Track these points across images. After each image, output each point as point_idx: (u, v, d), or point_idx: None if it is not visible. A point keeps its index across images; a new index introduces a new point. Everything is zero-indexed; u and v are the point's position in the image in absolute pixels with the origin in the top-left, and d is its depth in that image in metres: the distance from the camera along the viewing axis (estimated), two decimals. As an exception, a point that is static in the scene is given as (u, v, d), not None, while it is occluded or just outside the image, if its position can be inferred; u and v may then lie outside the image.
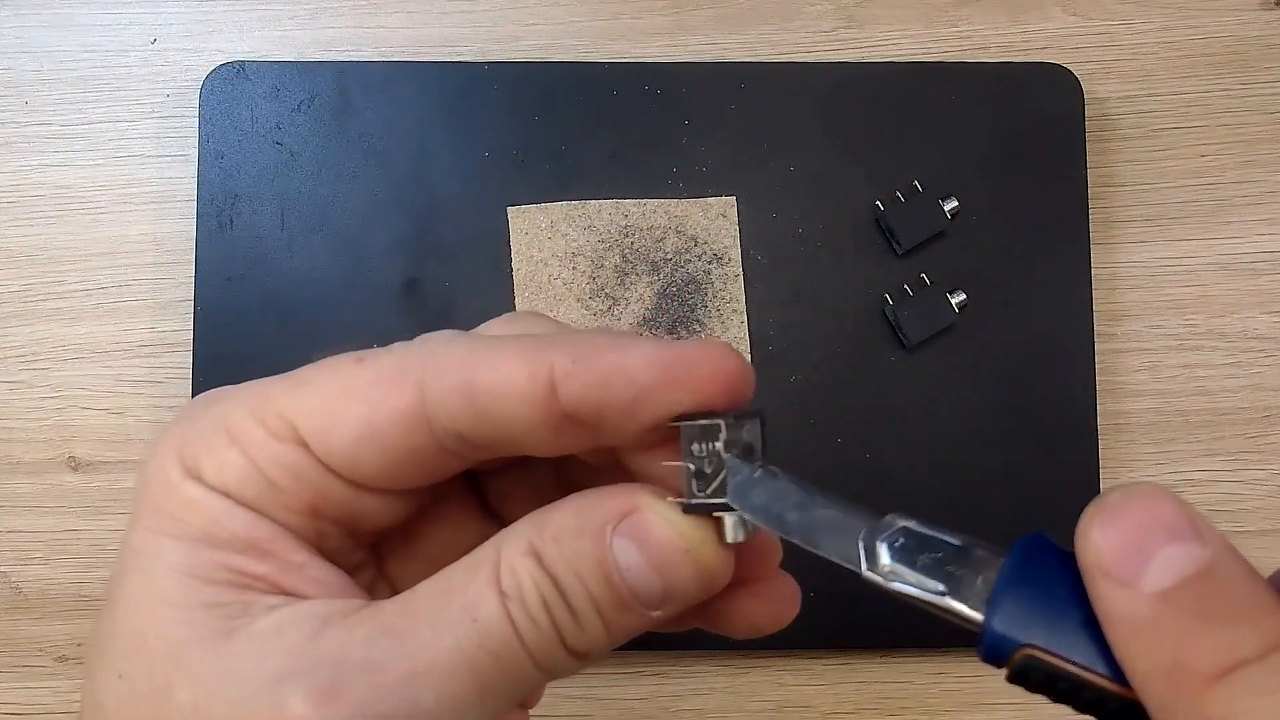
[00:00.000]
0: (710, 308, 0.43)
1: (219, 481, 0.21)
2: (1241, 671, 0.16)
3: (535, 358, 0.21)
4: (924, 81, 0.44)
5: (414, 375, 0.21)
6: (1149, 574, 0.17)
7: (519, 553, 0.21)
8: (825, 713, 0.43)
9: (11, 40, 0.45)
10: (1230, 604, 0.17)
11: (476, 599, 0.21)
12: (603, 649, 0.22)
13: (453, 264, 0.43)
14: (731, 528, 0.21)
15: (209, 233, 0.43)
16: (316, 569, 0.22)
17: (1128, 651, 0.17)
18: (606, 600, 0.21)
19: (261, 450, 0.22)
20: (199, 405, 0.23)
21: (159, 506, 0.21)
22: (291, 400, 0.22)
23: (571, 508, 0.22)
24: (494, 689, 0.21)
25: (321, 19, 0.46)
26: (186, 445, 0.22)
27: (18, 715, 0.43)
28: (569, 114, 0.43)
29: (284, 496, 0.22)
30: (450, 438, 0.21)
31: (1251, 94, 0.46)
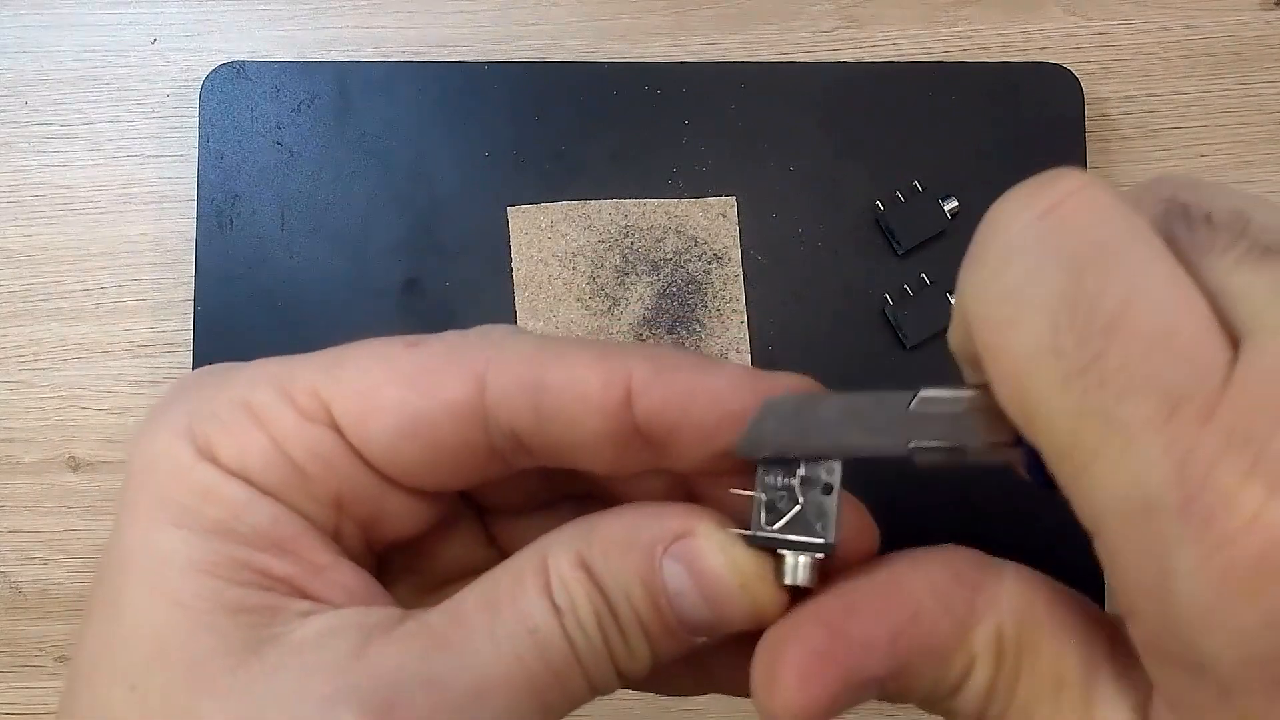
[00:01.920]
0: (710, 308, 0.43)
1: (239, 466, 0.19)
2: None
3: (612, 365, 0.19)
4: (924, 81, 0.44)
5: (475, 366, 0.19)
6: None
7: (569, 564, 0.19)
8: (825, 713, 0.43)
9: (11, 40, 0.45)
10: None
11: (530, 610, 0.19)
12: (645, 671, 0.20)
13: (453, 264, 0.43)
14: (791, 568, 0.20)
15: (209, 233, 0.43)
16: (342, 572, 0.20)
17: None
18: (652, 621, 0.20)
19: (290, 432, 0.19)
20: (205, 381, 0.20)
21: (164, 494, 0.19)
22: (328, 379, 0.20)
23: (623, 520, 0.20)
24: (550, 705, 0.19)
25: (321, 19, 0.46)
26: (197, 424, 0.19)
27: (18, 715, 0.43)
28: (569, 114, 0.44)
29: (310, 486, 0.19)
30: (505, 438, 0.20)
31: (1251, 94, 0.45)
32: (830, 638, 0.18)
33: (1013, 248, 0.17)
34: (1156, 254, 0.16)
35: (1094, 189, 0.17)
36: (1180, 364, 0.15)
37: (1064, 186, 0.17)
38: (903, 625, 0.18)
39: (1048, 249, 0.16)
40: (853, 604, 0.19)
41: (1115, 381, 0.15)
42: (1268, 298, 0.15)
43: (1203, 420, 0.15)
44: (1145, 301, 0.16)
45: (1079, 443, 0.16)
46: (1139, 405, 0.15)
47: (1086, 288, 0.16)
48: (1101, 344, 0.16)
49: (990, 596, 0.19)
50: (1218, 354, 0.15)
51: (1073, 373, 0.16)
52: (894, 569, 0.20)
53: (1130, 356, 0.15)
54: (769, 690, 0.18)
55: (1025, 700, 0.19)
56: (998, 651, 0.19)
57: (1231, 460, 0.14)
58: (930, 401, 0.18)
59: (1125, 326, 0.16)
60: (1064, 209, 0.16)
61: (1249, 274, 0.16)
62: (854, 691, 0.18)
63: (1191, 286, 0.16)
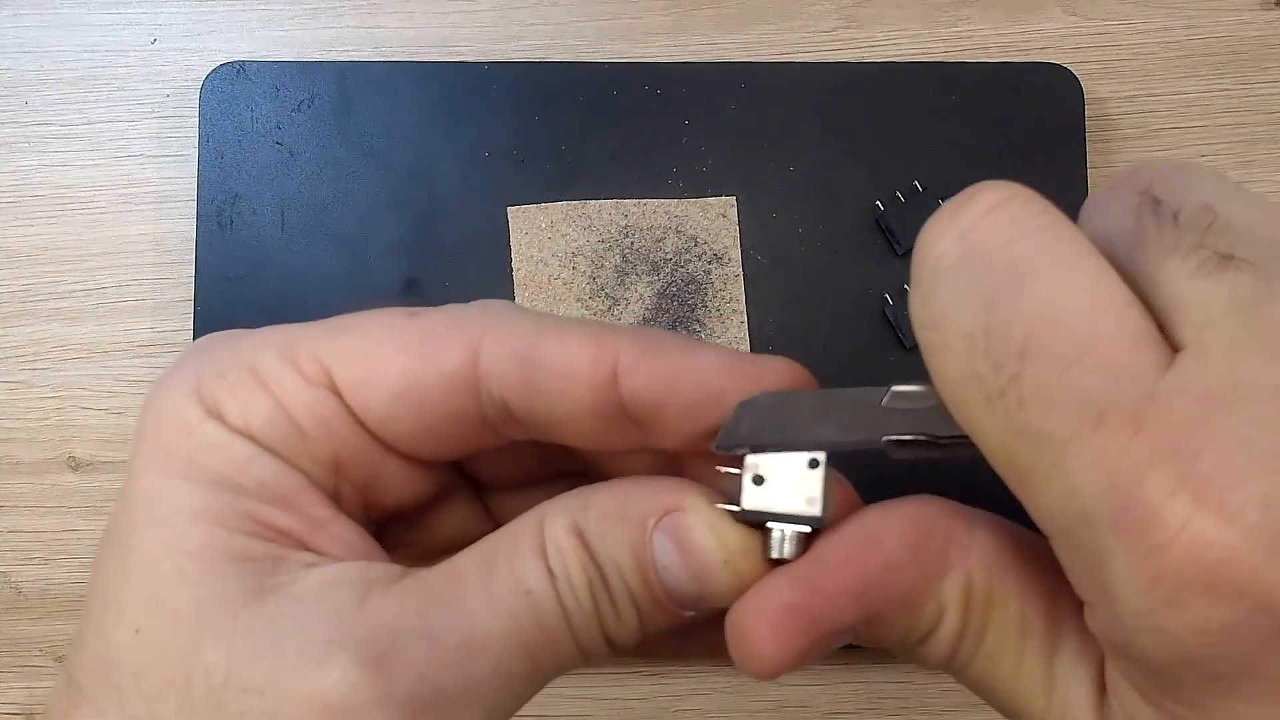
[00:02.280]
0: (710, 308, 0.43)
1: (242, 423, 0.20)
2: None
3: (602, 343, 0.20)
4: (924, 81, 0.44)
5: (470, 336, 0.20)
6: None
7: (563, 530, 0.20)
8: (825, 713, 0.43)
9: (11, 40, 0.45)
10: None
11: (524, 571, 0.19)
12: (634, 641, 0.21)
13: (453, 264, 0.43)
14: (778, 542, 0.20)
15: (209, 233, 0.43)
16: (341, 527, 0.20)
17: None
18: (641, 593, 0.20)
19: (292, 393, 0.20)
20: (214, 345, 0.21)
21: (172, 450, 0.19)
22: (330, 345, 0.20)
23: (617, 491, 0.20)
24: (541, 667, 0.20)
25: (321, 19, 0.46)
26: (205, 384, 0.20)
27: (18, 715, 0.43)
28: (569, 114, 0.44)
29: (310, 446, 0.20)
30: (496, 408, 0.20)
31: (1251, 94, 0.46)
32: (801, 590, 0.19)
33: (935, 273, 0.17)
34: (1078, 266, 0.16)
35: (1012, 203, 0.17)
36: (1101, 377, 0.15)
37: (981, 204, 0.17)
38: (873, 576, 0.19)
39: (964, 273, 0.17)
40: (823, 556, 0.19)
41: (1033, 402, 0.16)
42: (1213, 312, 0.15)
43: (1132, 431, 0.15)
44: (1059, 319, 0.16)
45: (1012, 459, 0.16)
46: (1061, 422, 0.16)
47: (999, 312, 0.16)
48: (1016, 367, 0.16)
49: (961, 547, 0.19)
50: (1146, 364, 0.15)
51: (993, 395, 0.16)
52: (866, 521, 0.20)
53: (1045, 377, 0.16)
54: (743, 641, 0.19)
55: (991, 649, 0.19)
56: (966, 601, 0.19)
57: (1159, 473, 0.15)
58: (901, 396, 0.19)
59: (1037, 348, 0.16)
60: (979, 229, 0.17)
61: (1202, 284, 0.16)
62: (826, 640, 0.19)
63: (1118, 296, 0.16)
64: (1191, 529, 0.15)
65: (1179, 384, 0.15)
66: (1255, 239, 0.16)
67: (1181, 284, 0.16)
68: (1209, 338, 0.15)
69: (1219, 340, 0.15)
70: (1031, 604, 0.19)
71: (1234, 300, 0.15)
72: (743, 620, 0.19)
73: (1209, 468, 0.15)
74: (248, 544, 0.19)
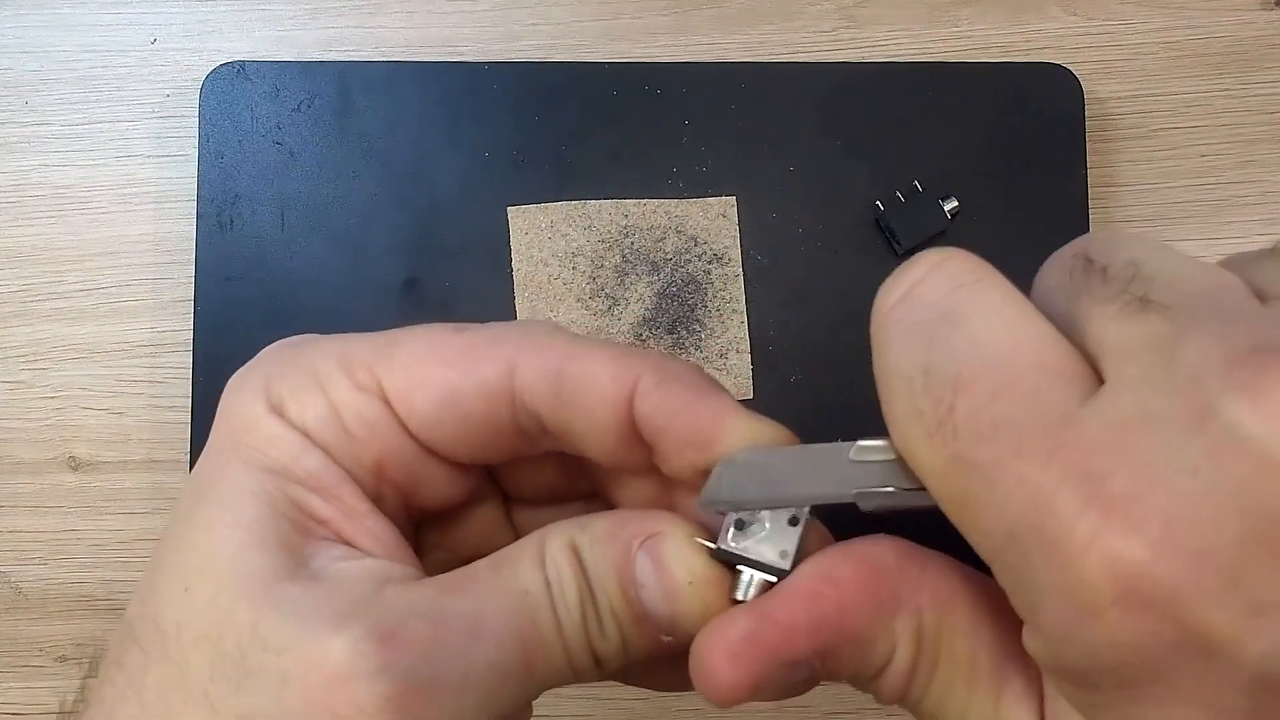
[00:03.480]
0: (710, 308, 0.43)
1: (299, 420, 0.22)
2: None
3: (625, 365, 0.22)
4: (924, 81, 0.44)
5: (507, 351, 0.22)
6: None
7: (560, 546, 0.22)
8: (825, 713, 0.43)
9: (11, 40, 0.45)
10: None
11: (524, 575, 0.21)
12: (619, 660, 0.22)
13: (453, 264, 0.43)
14: (744, 585, 0.21)
15: (209, 233, 0.43)
16: (375, 521, 0.22)
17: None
18: (623, 611, 0.22)
19: (344, 398, 0.22)
20: (284, 350, 0.24)
21: (239, 438, 0.22)
22: (381, 357, 0.23)
23: (612, 517, 0.22)
24: (534, 669, 0.21)
25: (321, 19, 0.46)
26: (273, 384, 0.23)
27: (18, 715, 0.43)
28: (569, 114, 0.43)
29: (356, 446, 0.22)
30: (529, 418, 0.22)
31: (1251, 94, 0.46)
32: (757, 622, 0.20)
33: (883, 332, 0.20)
34: (1002, 312, 0.18)
35: (951, 261, 0.19)
36: (1022, 407, 0.17)
37: (923, 265, 0.19)
38: (826, 612, 0.20)
39: (906, 325, 0.19)
40: (781, 592, 0.21)
41: (965, 431, 0.17)
42: (1131, 348, 0.17)
43: (1048, 454, 0.17)
44: (985, 356, 0.18)
45: (951, 489, 0.18)
46: (987, 447, 0.17)
47: (934, 355, 0.18)
48: (950, 400, 0.18)
49: (913, 586, 0.21)
50: (1064, 395, 0.17)
51: (932, 429, 0.18)
52: (822, 560, 0.21)
53: (974, 407, 0.17)
54: (702, 667, 0.20)
55: (941, 686, 0.21)
56: (917, 639, 0.21)
57: (1071, 492, 0.16)
58: (866, 450, 0.20)
59: (966, 381, 0.18)
60: (917, 290, 0.19)
61: (1122, 325, 0.17)
62: (782, 671, 0.20)
63: (1041, 336, 0.18)
64: (1100, 542, 0.16)
65: (1093, 412, 0.17)
66: (1172, 288, 0.17)
67: (1106, 325, 0.18)
68: (1125, 371, 0.17)
69: (1132, 373, 0.17)
70: (979, 642, 0.20)
71: (1148, 339, 0.17)
72: (702, 648, 0.21)
73: (1116, 487, 0.16)
74: (290, 527, 0.21)
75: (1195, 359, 0.16)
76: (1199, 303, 0.17)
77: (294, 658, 0.20)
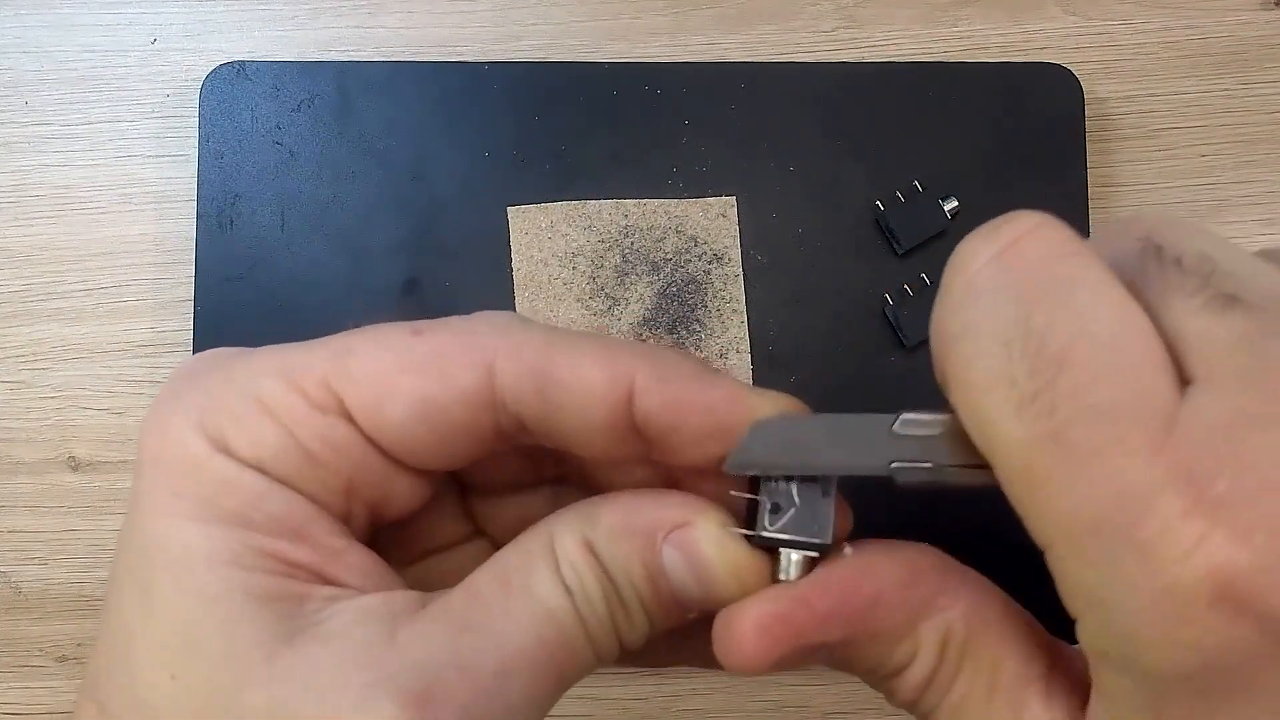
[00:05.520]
0: (710, 308, 0.43)
1: (252, 455, 0.20)
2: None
3: (619, 363, 0.21)
4: (924, 81, 0.44)
5: (484, 354, 0.20)
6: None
7: (574, 545, 0.21)
8: (825, 713, 0.43)
9: (11, 40, 0.45)
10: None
11: (543, 591, 0.20)
12: (644, 640, 0.22)
13: (453, 264, 0.43)
14: (785, 565, 0.21)
15: (209, 233, 0.43)
16: (356, 555, 0.21)
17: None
18: (651, 601, 0.21)
19: (301, 422, 0.20)
20: (208, 371, 0.21)
21: (180, 488, 0.19)
22: (336, 368, 0.20)
23: (623, 505, 0.21)
24: (565, 680, 0.21)
25: (321, 19, 0.46)
26: (209, 416, 0.20)
27: (18, 715, 0.43)
28: (569, 114, 0.43)
29: (322, 474, 0.20)
30: (510, 421, 0.21)
31: (1251, 94, 0.45)
32: (793, 603, 0.20)
33: (972, 285, 0.18)
34: (1108, 291, 0.17)
35: (1048, 228, 0.18)
36: (1129, 397, 0.16)
37: (1019, 226, 0.18)
38: (861, 604, 0.20)
39: (1002, 286, 0.18)
40: (820, 577, 0.20)
41: (1064, 408, 0.17)
42: (1222, 346, 0.17)
43: (1151, 453, 0.16)
44: (1094, 335, 0.17)
45: (1031, 465, 0.17)
46: (1088, 432, 0.16)
47: (1038, 321, 0.17)
48: (1052, 373, 0.17)
49: (948, 598, 0.20)
50: (1166, 390, 0.17)
51: (1025, 400, 0.17)
52: (865, 553, 0.21)
53: (1079, 385, 0.17)
54: (729, 635, 0.20)
55: (959, 698, 0.20)
56: (942, 648, 0.20)
57: (1175, 494, 0.16)
58: (911, 423, 0.20)
59: (1074, 358, 0.17)
60: (1018, 248, 0.18)
61: (1208, 320, 0.17)
62: (804, 652, 0.20)
63: (1144, 324, 0.17)
64: (1204, 547, 0.16)
65: (1195, 412, 0.16)
66: (1254, 286, 0.17)
67: (1188, 320, 0.17)
68: (1219, 370, 0.16)
69: (1229, 373, 0.16)
70: (1004, 664, 0.20)
71: (1240, 337, 0.16)
72: (734, 618, 0.20)
73: (1222, 491, 0.16)
74: (268, 582, 0.19)
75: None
76: (1278, 299, 0.17)
77: None
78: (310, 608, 0.19)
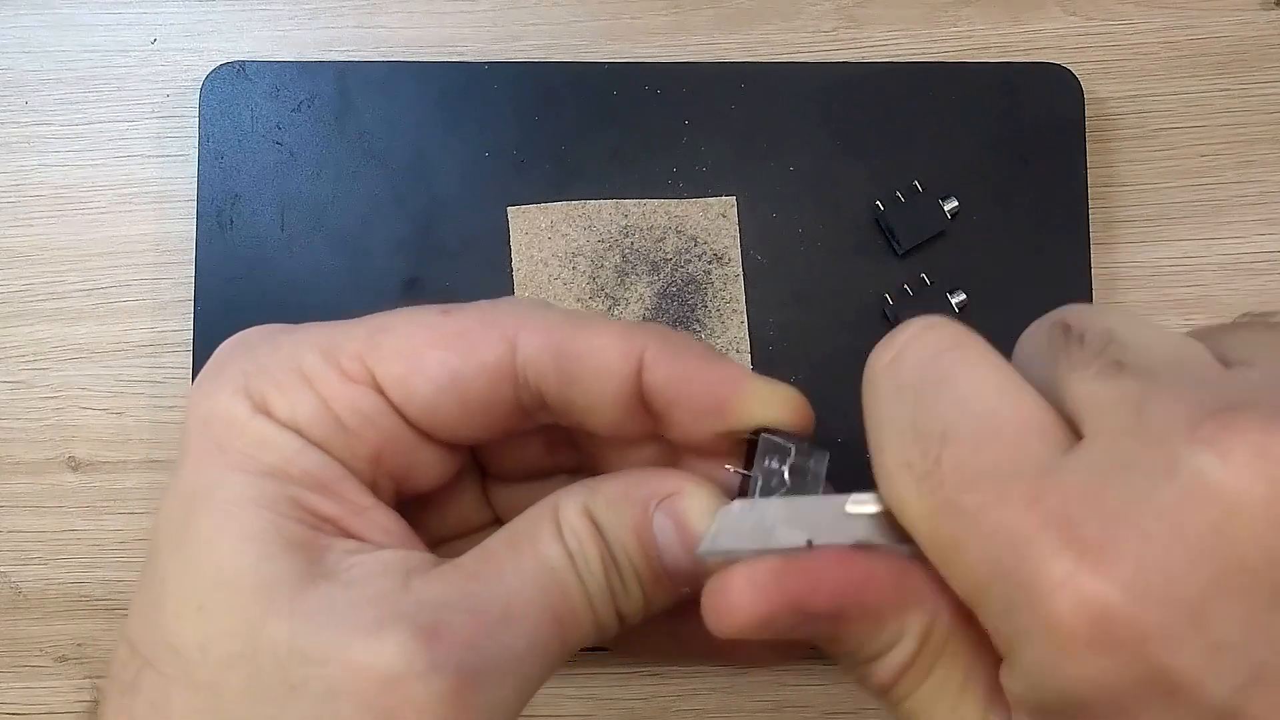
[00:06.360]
0: (710, 308, 0.43)
1: (289, 419, 0.21)
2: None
3: (630, 338, 0.22)
4: (924, 81, 0.44)
5: (506, 330, 0.22)
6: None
7: (575, 513, 0.22)
8: (825, 712, 0.43)
9: (11, 40, 0.45)
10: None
11: (547, 551, 0.22)
12: (642, 615, 0.23)
13: (453, 264, 0.43)
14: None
15: (209, 233, 0.43)
16: (380, 514, 0.22)
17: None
18: (644, 569, 0.22)
19: (336, 391, 0.22)
20: (254, 344, 0.23)
21: (224, 444, 0.21)
22: (370, 344, 0.22)
23: (622, 479, 0.23)
24: (567, 639, 0.22)
25: (321, 19, 0.46)
26: (252, 382, 0.22)
27: (18, 715, 0.43)
28: (569, 114, 0.44)
29: (352, 440, 0.22)
30: (530, 396, 0.22)
31: (1251, 94, 0.46)
32: (786, 564, 0.21)
33: (874, 390, 0.21)
34: (985, 373, 0.20)
35: (930, 331, 0.21)
36: (1006, 457, 0.18)
37: (907, 333, 0.21)
38: (855, 578, 0.21)
39: (894, 386, 0.20)
40: (819, 550, 0.21)
41: (951, 479, 0.19)
42: (1107, 406, 0.18)
43: (1027, 504, 0.17)
44: (970, 412, 0.19)
45: (936, 533, 0.19)
46: (974, 494, 0.18)
47: (922, 411, 0.19)
48: (937, 450, 0.19)
49: (939, 590, 0.21)
50: (1044, 449, 0.18)
51: (921, 477, 0.19)
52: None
53: (961, 458, 0.19)
54: (721, 590, 0.21)
55: (932, 690, 0.21)
56: (924, 637, 0.21)
57: (1048, 535, 0.17)
58: (859, 503, 0.21)
59: (954, 435, 0.19)
60: (904, 353, 0.20)
61: (1097, 385, 0.18)
62: (793, 619, 0.21)
63: (1022, 395, 0.19)
64: (1073, 583, 0.17)
65: (1071, 464, 0.18)
66: (1144, 354, 0.19)
67: (1083, 386, 0.19)
68: (1101, 428, 0.18)
69: (1107, 428, 0.18)
70: (980, 664, 0.21)
71: (1121, 397, 0.18)
72: (726, 576, 0.21)
73: (1090, 531, 0.17)
74: (298, 530, 0.21)
75: (1164, 415, 0.17)
76: (1168, 366, 0.18)
77: (339, 666, 0.19)
78: (333, 557, 0.21)
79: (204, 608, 0.20)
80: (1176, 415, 0.17)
